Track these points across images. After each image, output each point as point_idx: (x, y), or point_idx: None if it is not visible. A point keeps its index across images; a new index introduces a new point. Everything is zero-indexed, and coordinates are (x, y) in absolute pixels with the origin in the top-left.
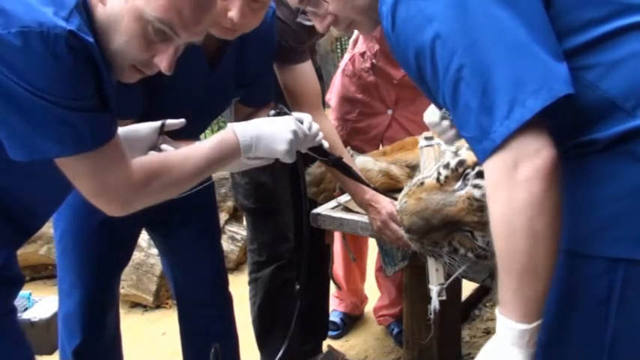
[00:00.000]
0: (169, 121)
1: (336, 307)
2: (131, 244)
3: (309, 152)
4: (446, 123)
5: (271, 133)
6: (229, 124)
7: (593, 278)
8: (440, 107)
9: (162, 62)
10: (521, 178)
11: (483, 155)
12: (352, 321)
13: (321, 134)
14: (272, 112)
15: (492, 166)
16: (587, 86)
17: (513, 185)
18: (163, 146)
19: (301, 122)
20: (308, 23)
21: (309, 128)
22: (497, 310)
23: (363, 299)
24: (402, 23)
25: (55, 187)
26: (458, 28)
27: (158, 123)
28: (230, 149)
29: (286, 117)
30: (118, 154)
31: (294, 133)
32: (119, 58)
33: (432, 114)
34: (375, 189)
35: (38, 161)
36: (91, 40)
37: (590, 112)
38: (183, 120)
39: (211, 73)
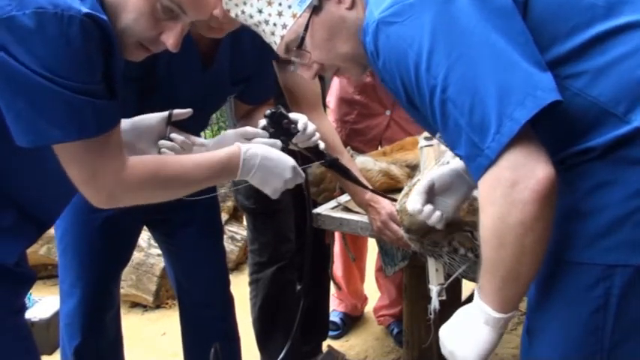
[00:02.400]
0: (177, 111)
1: (336, 307)
2: (131, 243)
3: (304, 152)
4: (428, 208)
5: (269, 172)
6: (237, 144)
7: (589, 286)
8: (434, 132)
9: (170, 39)
10: (517, 200)
11: (478, 172)
12: (352, 321)
13: (317, 135)
14: (267, 111)
15: (488, 182)
16: (577, 94)
17: (509, 204)
18: (173, 135)
19: (296, 122)
20: (298, 71)
21: (305, 129)
22: (475, 291)
23: (363, 300)
24: (384, 51)
25: (66, 178)
26: (437, 49)
27: (166, 113)
28: (229, 171)
29: (289, 160)
30: (116, 145)
31: (286, 182)
32: (126, 36)
33: (413, 201)
34: (373, 190)
35: (44, 148)
36: (105, 18)
37: (583, 120)
38: (190, 110)
39: (205, 72)
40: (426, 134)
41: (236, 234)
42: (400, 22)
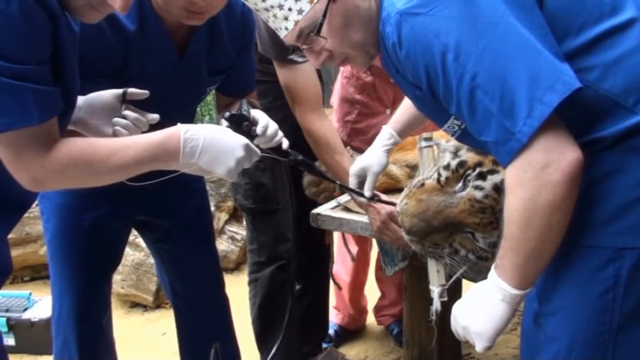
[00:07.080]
0: (131, 90)
1: (332, 319)
2: (120, 245)
3: (269, 152)
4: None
5: (217, 152)
6: (179, 125)
7: (600, 267)
8: (443, 122)
9: (117, 2)
10: (548, 181)
11: (509, 156)
12: (347, 334)
13: (279, 135)
14: (227, 113)
15: (518, 166)
16: (588, 87)
17: (540, 186)
18: (126, 113)
19: (256, 123)
20: (301, 60)
21: (265, 130)
22: (492, 270)
23: (363, 311)
24: (408, 42)
25: None
26: (464, 38)
27: (120, 90)
28: (169, 154)
29: (239, 139)
30: (44, 131)
31: (239, 161)
32: None
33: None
34: (342, 185)
35: None
36: None
37: (594, 111)
38: (146, 91)
39: (181, 62)
40: (425, 135)
41: (236, 234)
42: (425, 13)
